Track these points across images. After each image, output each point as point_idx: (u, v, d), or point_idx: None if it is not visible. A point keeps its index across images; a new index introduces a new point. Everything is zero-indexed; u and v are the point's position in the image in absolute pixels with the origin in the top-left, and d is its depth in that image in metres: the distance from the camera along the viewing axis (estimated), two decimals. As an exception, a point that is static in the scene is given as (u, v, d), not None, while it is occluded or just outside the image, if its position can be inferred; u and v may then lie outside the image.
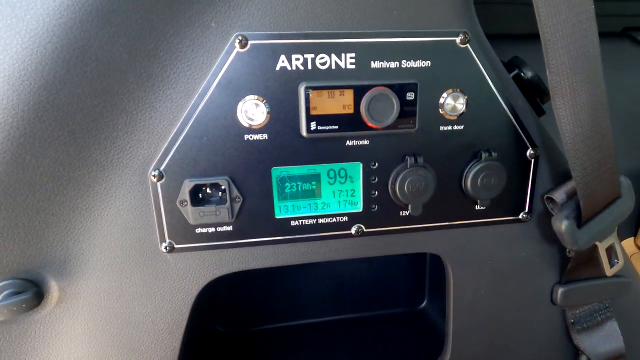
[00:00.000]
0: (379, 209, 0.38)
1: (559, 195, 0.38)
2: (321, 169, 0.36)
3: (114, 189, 0.33)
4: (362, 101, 0.33)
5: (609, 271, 0.41)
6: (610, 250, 0.41)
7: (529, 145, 0.38)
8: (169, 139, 0.33)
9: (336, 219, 0.38)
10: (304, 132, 0.33)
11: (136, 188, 0.34)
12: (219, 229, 0.36)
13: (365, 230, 0.38)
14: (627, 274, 0.45)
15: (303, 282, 0.64)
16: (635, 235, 0.73)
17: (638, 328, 0.50)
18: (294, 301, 0.64)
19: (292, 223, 0.37)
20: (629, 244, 0.73)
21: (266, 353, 0.59)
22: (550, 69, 0.32)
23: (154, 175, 0.33)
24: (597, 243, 0.39)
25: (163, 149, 0.33)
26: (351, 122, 0.33)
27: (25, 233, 0.32)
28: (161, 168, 0.33)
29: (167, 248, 0.35)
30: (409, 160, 0.36)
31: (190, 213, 0.34)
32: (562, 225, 0.37)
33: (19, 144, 0.29)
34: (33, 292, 0.33)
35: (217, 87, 0.32)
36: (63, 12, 0.26)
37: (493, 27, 0.53)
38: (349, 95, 0.33)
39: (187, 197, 0.34)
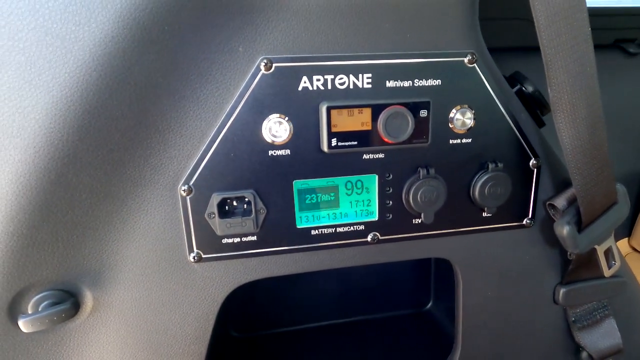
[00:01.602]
0: (394, 217, 0.40)
1: (560, 202, 0.41)
2: (339, 181, 0.38)
3: (146, 203, 0.35)
4: (379, 119, 0.35)
5: (607, 272, 0.44)
6: (608, 253, 0.44)
7: (531, 156, 0.41)
8: (198, 155, 0.35)
9: (353, 228, 0.40)
10: (325, 148, 0.36)
11: (167, 202, 0.36)
12: (244, 239, 0.38)
13: (380, 237, 0.40)
14: (622, 273, 0.48)
15: (312, 285, 0.66)
16: (629, 236, 0.77)
17: (634, 324, 0.53)
18: (304, 305, 0.66)
19: (313, 232, 0.39)
20: (623, 244, 0.76)
21: (278, 357, 0.61)
22: (552, 86, 0.35)
23: (184, 190, 0.35)
24: (596, 246, 0.42)
25: (192, 165, 0.35)
26: (369, 137, 0.36)
27: (64, 247, 0.34)
28: (190, 183, 0.35)
29: (195, 258, 0.37)
30: (422, 171, 0.38)
31: (217, 224, 0.36)
32: (564, 230, 0.39)
33: (63, 164, 0.31)
34: (71, 302, 0.34)
35: (243, 107, 0.34)
36: (108, 43, 0.28)
37: (494, 41, 0.56)
38: (367, 113, 0.35)
39: (215, 210, 0.36)
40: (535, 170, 0.42)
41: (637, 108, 0.70)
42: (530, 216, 0.43)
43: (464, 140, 0.39)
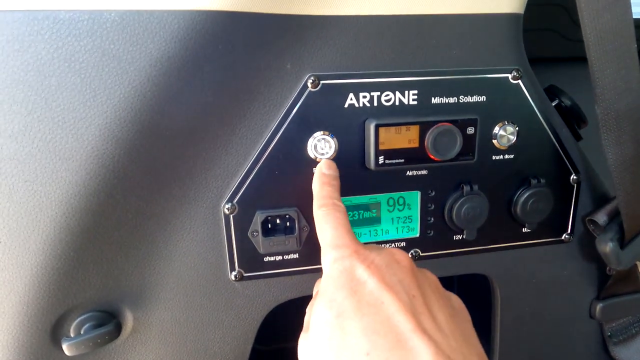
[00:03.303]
0: (435, 234, 0.40)
1: (601, 217, 0.41)
2: (382, 197, 0.38)
3: (189, 222, 0.35)
4: (427, 136, 0.35)
5: (647, 287, 0.44)
6: (647, 268, 0.43)
7: (572, 171, 0.41)
8: (243, 173, 0.34)
9: (395, 244, 0.39)
10: (372, 166, 0.35)
11: (209, 220, 0.35)
12: (286, 257, 0.37)
13: (421, 254, 0.40)
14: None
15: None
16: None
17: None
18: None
19: (354, 249, 0.39)
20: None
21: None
22: (599, 103, 0.35)
23: (227, 208, 0.35)
24: (638, 262, 0.41)
25: (237, 183, 0.35)
26: (416, 155, 0.35)
27: (108, 267, 0.33)
28: (234, 201, 0.35)
29: (237, 276, 0.37)
30: (465, 188, 0.38)
31: (261, 243, 0.36)
32: (607, 247, 0.39)
33: (112, 186, 0.30)
34: (114, 323, 0.34)
35: (289, 124, 0.34)
36: (164, 63, 0.28)
37: (538, 51, 0.56)
38: (414, 130, 0.35)
39: (259, 228, 0.36)
40: (576, 185, 0.41)
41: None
42: (569, 231, 0.43)
43: (506, 156, 0.39)
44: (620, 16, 0.33)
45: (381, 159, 0.35)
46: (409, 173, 0.37)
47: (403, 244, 0.40)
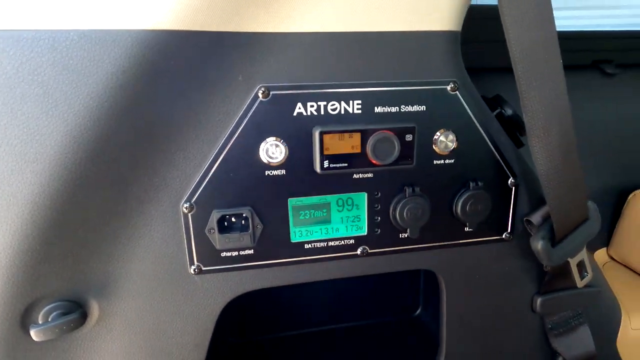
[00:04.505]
0: (382, 232, 0.43)
1: (536, 218, 0.44)
2: (331, 198, 0.41)
3: (150, 220, 0.38)
4: (368, 142, 0.38)
5: (579, 283, 0.47)
6: (580, 265, 0.47)
7: (509, 175, 0.44)
8: (200, 175, 0.38)
9: (344, 242, 0.43)
10: (318, 169, 0.38)
11: (170, 218, 0.38)
12: (241, 252, 0.40)
13: (369, 251, 0.43)
14: (597, 284, 0.52)
15: (306, 293, 0.68)
16: (607, 246, 0.80)
17: (606, 331, 0.56)
18: (297, 312, 0.68)
19: (306, 246, 0.42)
20: (602, 253, 0.80)
21: (273, 361, 0.63)
22: (526, 113, 0.38)
23: (186, 207, 0.38)
24: (569, 259, 0.45)
25: (194, 184, 0.38)
26: (358, 160, 0.39)
27: (73, 261, 0.36)
28: (192, 201, 0.38)
29: (196, 270, 0.40)
30: (408, 190, 0.41)
31: (217, 239, 0.39)
32: (538, 245, 0.43)
33: (75, 186, 0.33)
34: (79, 312, 0.37)
35: (242, 131, 0.37)
36: (119, 76, 0.31)
37: (481, 62, 0.60)
38: (356, 137, 0.38)
39: (215, 226, 0.39)
40: (513, 188, 0.45)
41: (614, 125, 0.74)
42: (509, 231, 0.46)
43: (447, 161, 0.42)
44: (544, 33, 0.36)
45: (326, 163, 0.38)
46: (355, 176, 0.41)
47: (352, 241, 0.43)
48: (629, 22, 0.97)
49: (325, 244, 0.42)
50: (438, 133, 0.41)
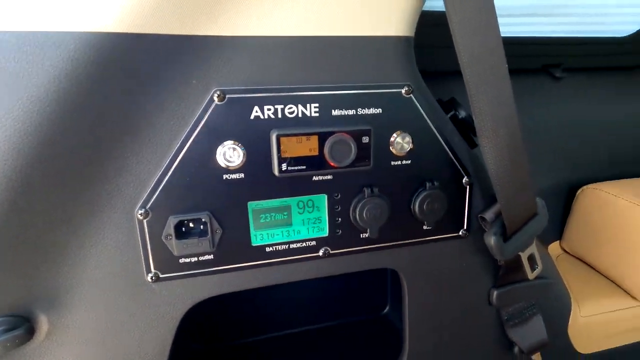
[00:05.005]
0: (343, 232, 0.44)
1: (489, 215, 0.46)
2: (292, 201, 0.41)
3: (102, 227, 0.37)
4: (326, 145, 0.39)
5: (530, 275, 0.50)
6: (531, 258, 0.49)
7: (464, 174, 0.46)
8: (155, 180, 0.37)
9: (306, 244, 0.43)
10: (276, 172, 0.38)
11: (123, 225, 0.37)
12: (201, 258, 0.40)
13: (331, 252, 0.44)
14: (549, 275, 0.55)
15: (272, 296, 0.68)
16: (560, 239, 0.85)
17: (558, 320, 0.60)
18: (263, 315, 0.68)
19: (267, 249, 0.42)
20: (555, 247, 0.85)
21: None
22: (476, 115, 0.40)
23: (141, 214, 0.37)
24: (520, 253, 0.47)
25: (149, 190, 0.37)
26: (316, 162, 0.39)
27: (19, 272, 0.34)
28: (147, 207, 0.37)
29: (153, 278, 0.39)
30: (367, 191, 0.42)
31: (175, 245, 0.38)
32: (491, 240, 0.45)
33: (16, 193, 0.31)
34: (25, 327, 0.35)
35: (198, 135, 0.37)
36: (62, 80, 0.30)
37: (437, 65, 0.62)
38: (314, 140, 0.38)
39: (172, 232, 0.38)
40: (468, 187, 0.47)
41: (563, 126, 0.79)
42: (465, 228, 0.48)
43: (403, 162, 0.43)
44: (490, 38, 0.38)
45: (284, 166, 0.38)
46: (315, 178, 0.41)
47: (314, 243, 0.43)
48: (577, 30, 1.04)
49: (287, 246, 0.42)
50: (394, 135, 0.42)
